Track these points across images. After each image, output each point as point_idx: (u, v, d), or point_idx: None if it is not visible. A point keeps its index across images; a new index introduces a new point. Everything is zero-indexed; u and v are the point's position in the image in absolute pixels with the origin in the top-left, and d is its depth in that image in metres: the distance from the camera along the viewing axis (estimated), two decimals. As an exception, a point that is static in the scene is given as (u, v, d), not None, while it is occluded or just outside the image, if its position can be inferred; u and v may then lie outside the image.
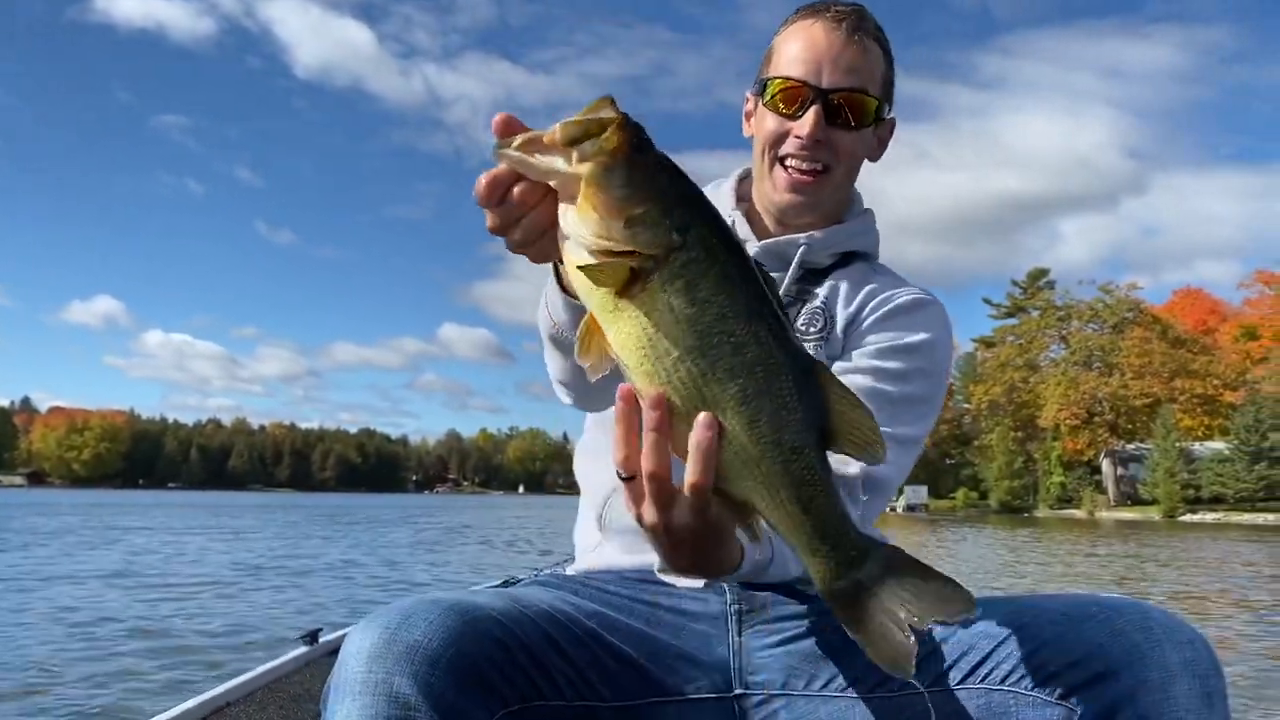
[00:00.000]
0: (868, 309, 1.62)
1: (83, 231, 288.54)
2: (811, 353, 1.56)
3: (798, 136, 1.56)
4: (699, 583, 1.36)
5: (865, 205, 1.74)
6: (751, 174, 1.74)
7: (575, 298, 1.17)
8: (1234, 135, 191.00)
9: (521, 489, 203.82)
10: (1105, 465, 75.03)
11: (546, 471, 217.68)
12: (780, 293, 1.58)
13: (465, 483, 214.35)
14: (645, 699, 1.40)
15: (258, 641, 7.89)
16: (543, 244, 1.04)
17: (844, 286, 1.64)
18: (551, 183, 0.97)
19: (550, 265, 1.18)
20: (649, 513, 1.04)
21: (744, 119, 1.71)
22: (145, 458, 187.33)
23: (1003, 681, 1.27)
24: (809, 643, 1.46)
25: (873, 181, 1.75)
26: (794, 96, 1.56)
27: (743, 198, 1.74)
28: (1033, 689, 1.24)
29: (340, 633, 4.02)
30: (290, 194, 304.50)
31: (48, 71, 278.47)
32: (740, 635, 1.49)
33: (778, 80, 1.57)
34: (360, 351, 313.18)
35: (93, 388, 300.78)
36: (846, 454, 1.00)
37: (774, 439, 0.97)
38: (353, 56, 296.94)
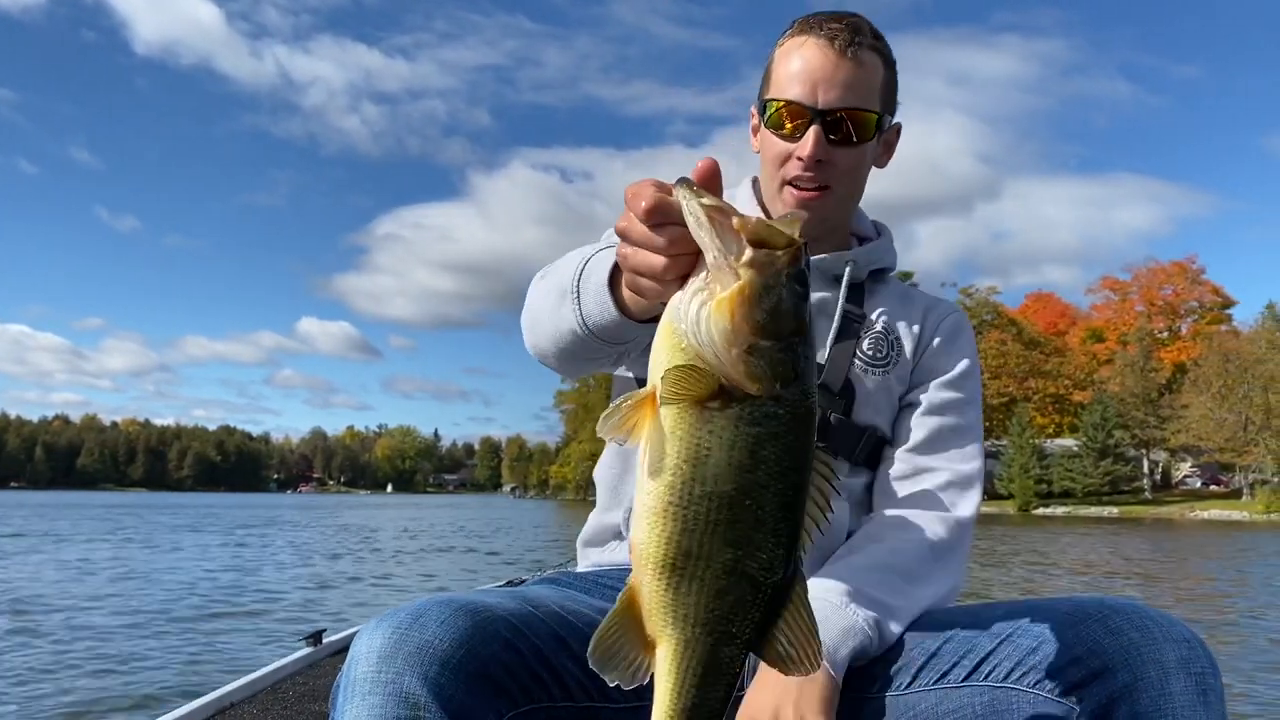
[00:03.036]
0: (927, 336, 1.70)
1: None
2: (877, 380, 1.62)
3: (799, 158, 1.57)
4: None
5: (870, 218, 1.80)
6: (757, 180, 1.76)
7: (630, 317, 1.19)
8: (1074, 145, 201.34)
9: (390, 488, 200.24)
10: (964, 461, 78.01)
11: (416, 470, 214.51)
12: (837, 312, 1.64)
13: (330, 482, 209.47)
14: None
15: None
16: (651, 285, 1.00)
17: (895, 310, 1.70)
18: (707, 257, 0.92)
19: (608, 262, 1.18)
20: None
21: (751, 133, 1.72)
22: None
23: (1005, 679, 1.29)
24: None
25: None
26: (793, 118, 1.57)
27: (760, 206, 1.73)
28: (1033, 687, 1.26)
29: (344, 633, 4.09)
30: (133, 178, 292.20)
31: None
32: None
33: (776, 102, 1.58)
34: (213, 345, 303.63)
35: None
36: (769, 660, 0.95)
37: (722, 618, 0.93)
38: (198, 34, 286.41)
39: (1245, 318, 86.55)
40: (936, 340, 1.68)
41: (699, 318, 0.90)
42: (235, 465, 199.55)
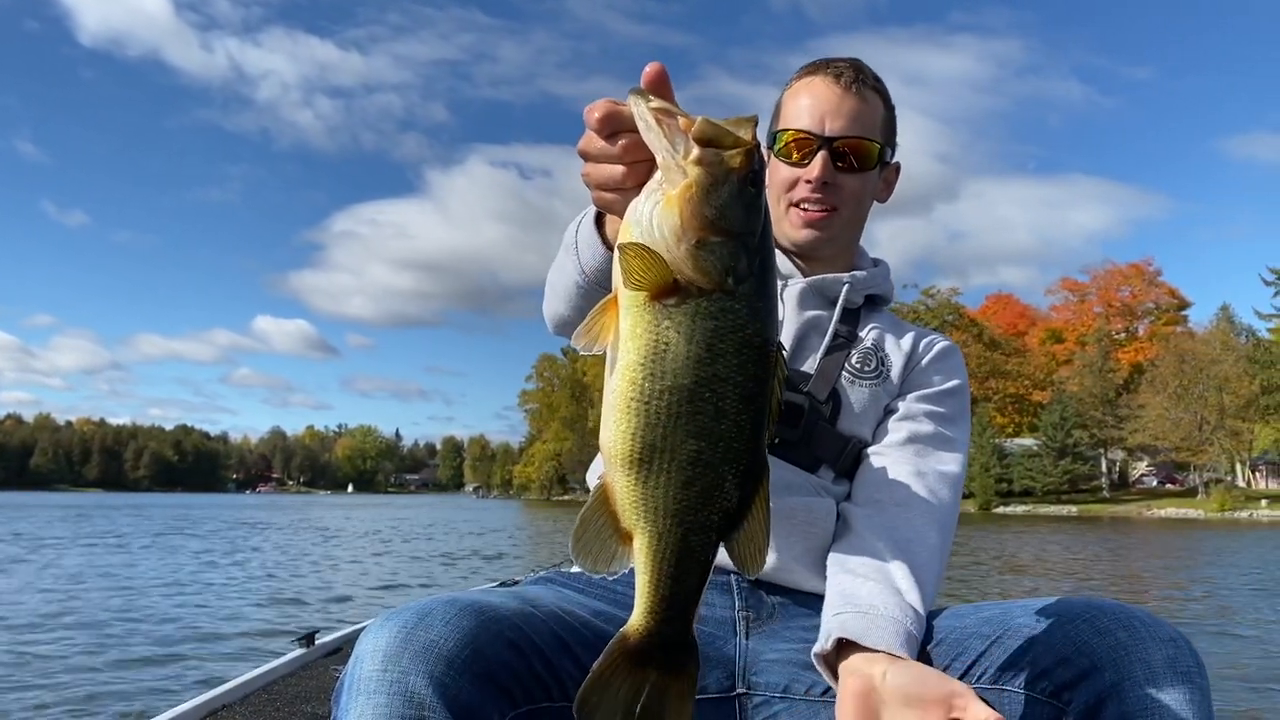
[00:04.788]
0: (917, 352, 1.73)
1: None
2: (864, 392, 1.66)
3: (807, 181, 1.66)
4: None
5: (872, 254, 1.85)
6: None
7: (612, 249, 1.21)
8: (1029, 145, 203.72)
9: (350, 488, 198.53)
10: (926, 461, 78.64)
11: (377, 470, 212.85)
12: (830, 329, 1.69)
13: (290, 482, 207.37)
14: None
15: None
16: (615, 197, 1.05)
17: (886, 331, 1.75)
18: (658, 158, 0.96)
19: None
20: None
21: None
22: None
23: (995, 681, 1.32)
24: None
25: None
26: (802, 145, 1.66)
27: None
28: (1023, 687, 1.28)
29: (336, 634, 4.08)
30: (81, 172, 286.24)
31: None
32: (748, 639, 1.53)
33: (787, 132, 1.68)
34: (168, 344, 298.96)
35: None
36: (729, 553, 1.02)
37: (690, 508, 0.98)
38: (145, 25, 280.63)
39: (1200, 319, 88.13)
40: (925, 360, 1.73)
41: (651, 216, 0.94)
42: (193, 465, 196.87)
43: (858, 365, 1.68)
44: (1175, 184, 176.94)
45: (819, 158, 1.65)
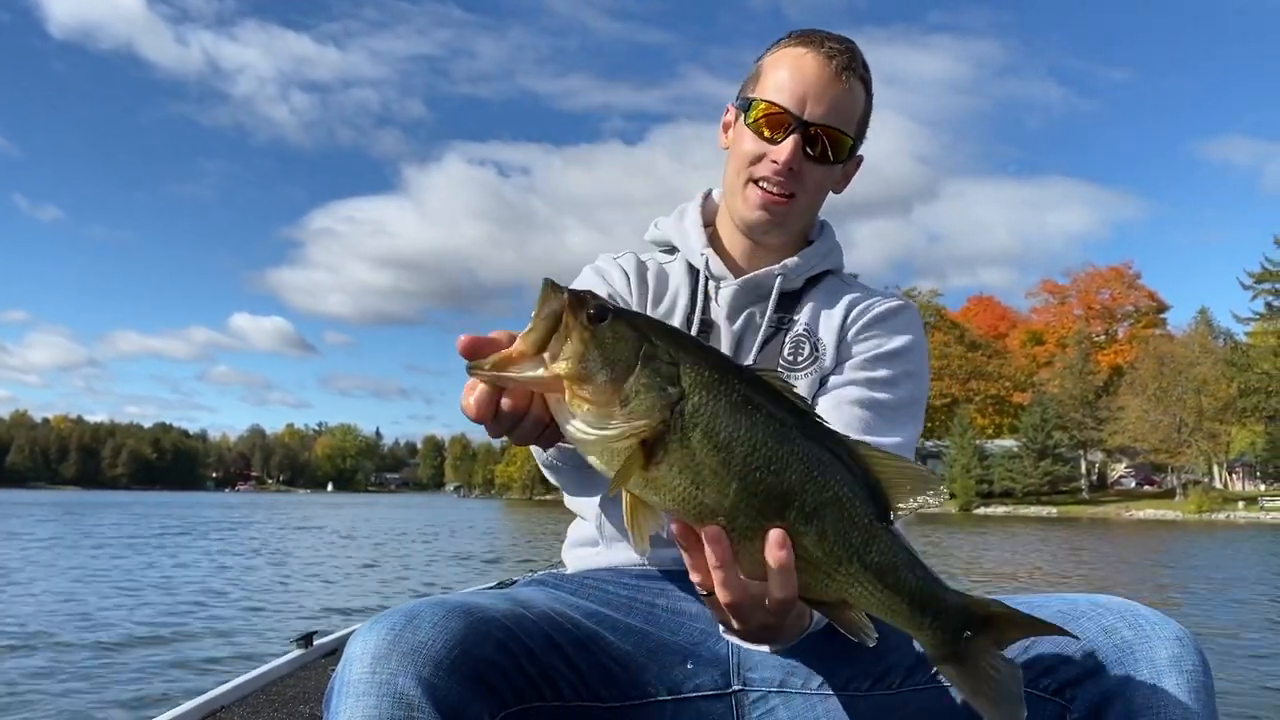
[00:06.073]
0: (849, 319, 1.66)
1: None
2: (805, 383, 1.60)
3: (774, 161, 1.58)
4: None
5: (847, 254, 1.79)
6: (711, 194, 1.79)
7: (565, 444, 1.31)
8: (1009, 147, 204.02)
9: (330, 487, 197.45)
10: (907, 461, 78.85)
11: (358, 469, 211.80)
12: (764, 323, 1.65)
13: (269, 480, 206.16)
14: (644, 698, 1.41)
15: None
16: (546, 435, 1.06)
17: (822, 307, 1.68)
18: (533, 389, 0.99)
19: None
20: (731, 623, 1.09)
21: (721, 129, 1.73)
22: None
23: None
24: (807, 642, 1.44)
25: (678, 184, 1.84)
26: (776, 122, 1.58)
27: (707, 222, 1.75)
28: (1027, 685, 1.23)
29: (334, 635, 4.09)
30: (53, 166, 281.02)
31: None
32: None
33: (763, 103, 1.60)
34: (144, 341, 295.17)
35: None
36: (905, 508, 1.01)
37: (844, 541, 0.98)
38: (117, 18, 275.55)
39: (1179, 322, 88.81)
40: (855, 327, 1.66)
41: (579, 425, 0.97)
42: (172, 463, 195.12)
43: (790, 357, 1.63)
44: (1154, 187, 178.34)
45: (791, 140, 1.58)
